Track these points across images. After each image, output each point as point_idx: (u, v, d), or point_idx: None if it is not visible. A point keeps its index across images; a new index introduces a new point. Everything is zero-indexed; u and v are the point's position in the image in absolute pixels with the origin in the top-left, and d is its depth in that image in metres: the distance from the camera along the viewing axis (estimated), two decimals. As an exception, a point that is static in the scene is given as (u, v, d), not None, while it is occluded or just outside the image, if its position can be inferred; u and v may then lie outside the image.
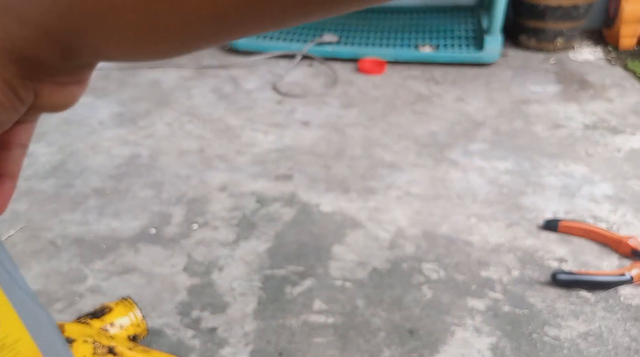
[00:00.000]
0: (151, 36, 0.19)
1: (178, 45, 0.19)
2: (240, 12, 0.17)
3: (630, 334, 1.02)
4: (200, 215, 1.35)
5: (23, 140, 0.27)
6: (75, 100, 0.25)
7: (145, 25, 0.18)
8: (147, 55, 0.20)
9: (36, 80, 0.22)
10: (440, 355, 0.98)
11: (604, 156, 1.56)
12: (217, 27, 0.18)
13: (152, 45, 0.19)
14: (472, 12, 2.47)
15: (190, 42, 0.19)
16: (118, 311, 0.90)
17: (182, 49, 0.20)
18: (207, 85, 2.04)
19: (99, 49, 0.20)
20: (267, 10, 0.17)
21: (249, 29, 0.18)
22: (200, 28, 0.18)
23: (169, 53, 0.20)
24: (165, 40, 0.19)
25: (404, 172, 1.51)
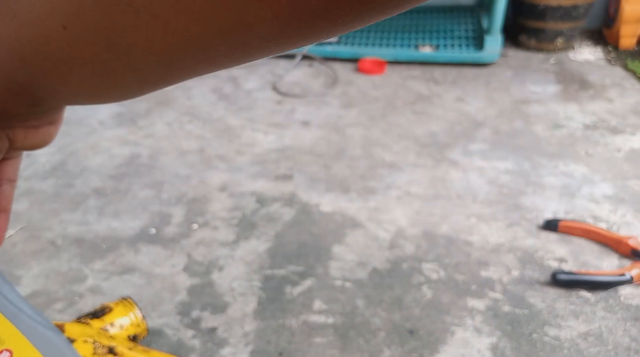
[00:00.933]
0: (104, 84, 0.19)
1: (132, 89, 0.20)
2: (184, 59, 0.17)
3: (630, 334, 1.02)
4: (200, 215, 1.35)
5: (10, 176, 0.28)
6: (52, 138, 0.26)
7: (96, 75, 0.19)
8: (105, 99, 0.21)
9: (8, 127, 0.23)
10: (440, 355, 0.98)
11: (604, 156, 1.56)
12: (164, 72, 0.19)
13: (107, 91, 0.20)
14: (472, 12, 2.47)
15: (143, 86, 0.20)
16: (118, 311, 0.90)
17: (136, 92, 0.21)
18: (207, 85, 2.04)
19: (61, 97, 0.21)
20: (207, 57, 0.17)
21: (197, 72, 0.19)
22: (149, 74, 0.19)
23: (126, 96, 0.21)
24: (118, 86, 0.20)
25: (404, 172, 1.51)
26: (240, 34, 0.16)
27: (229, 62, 0.18)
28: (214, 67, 0.19)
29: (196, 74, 0.19)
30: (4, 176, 0.28)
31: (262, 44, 0.16)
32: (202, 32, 0.16)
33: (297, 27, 0.15)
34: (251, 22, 0.15)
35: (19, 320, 0.30)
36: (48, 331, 0.32)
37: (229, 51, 0.17)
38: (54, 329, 0.32)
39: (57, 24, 0.17)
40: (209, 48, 0.17)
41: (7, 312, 0.29)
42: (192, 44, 0.16)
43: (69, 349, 0.33)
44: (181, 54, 0.17)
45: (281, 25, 0.15)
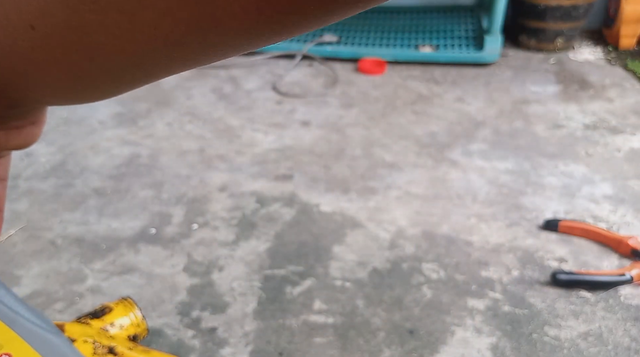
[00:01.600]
0: (78, 86, 0.19)
1: (107, 89, 0.20)
2: (156, 57, 0.17)
3: (630, 334, 1.02)
4: (200, 215, 1.35)
5: (0, 175, 0.28)
6: (36, 138, 0.26)
7: (69, 76, 0.19)
8: (82, 100, 0.21)
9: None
10: (440, 355, 0.98)
11: (604, 156, 1.56)
12: (137, 71, 0.18)
13: (82, 92, 0.20)
14: (472, 12, 2.47)
15: (118, 86, 0.20)
16: (118, 311, 0.90)
17: (113, 92, 0.20)
18: (207, 85, 2.04)
19: (37, 98, 0.21)
20: (179, 55, 0.17)
21: (171, 70, 0.19)
22: (122, 74, 0.18)
23: (103, 96, 0.21)
24: (92, 87, 0.19)
25: (403, 172, 1.51)
26: (210, 30, 0.15)
27: (202, 58, 0.18)
28: (188, 65, 0.18)
29: (171, 73, 0.19)
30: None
31: (234, 41, 0.16)
32: (171, 29, 0.15)
33: (268, 23, 0.15)
34: (220, 18, 0.15)
35: (16, 324, 0.30)
36: (48, 334, 0.32)
37: (200, 48, 0.17)
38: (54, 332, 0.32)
39: (24, 24, 0.17)
40: (179, 45, 0.16)
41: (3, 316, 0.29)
42: (162, 41, 0.16)
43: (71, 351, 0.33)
44: (152, 53, 0.17)
45: (251, 21, 0.15)
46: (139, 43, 0.16)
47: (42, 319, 0.32)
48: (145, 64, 0.18)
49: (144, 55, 0.17)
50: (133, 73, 0.18)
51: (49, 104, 0.22)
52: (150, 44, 0.16)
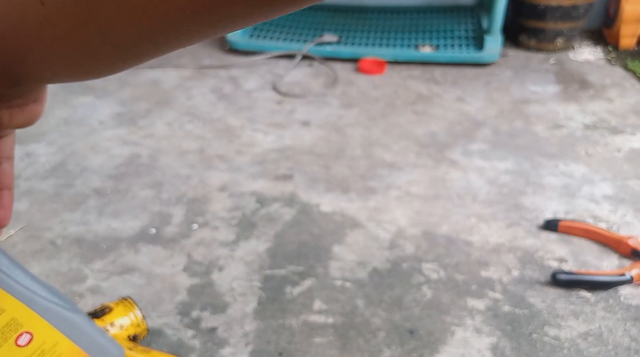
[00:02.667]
0: (85, 61, 0.19)
1: (113, 64, 0.20)
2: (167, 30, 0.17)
3: (630, 334, 1.02)
4: (200, 215, 1.35)
5: (6, 153, 0.28)
6: (39, 116, 0.26)
7: (77, 51, 0.18)
8: (88, 76, 0.21)
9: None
10: (440, 355, 0.98)
11: (604, 156, 1.56)
12: (147, 45, 0.18)
13: (89, 67, 0.20)
14: (472, 12, 2.47)
15: (125, 61, 0.20)
16: (118, 311, 0.90)
17: (118, 67, 0.20)
18: (207, 85, 2.04)
19: (42, 74, 0.21)
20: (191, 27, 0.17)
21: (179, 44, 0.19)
22: (131, 48, 0.18)
23: (108, 72, 0.21)
24: (99, 62, 0.19)
25: (404, 172, 1.51)
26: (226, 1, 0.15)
27: (213, 31, 0.18)
28: (196, 38, 0.18)
29: (178, 46, 0.19)
30: (2, 154, 0.27)
31: (247, 10, 0.16)
32: (186, 2, 0.15)
33: None
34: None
35: (34, 303, 0.30)
36: (67, 311, 0.32)
37: (214, 19, 0.16)
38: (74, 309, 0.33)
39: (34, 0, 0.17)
40: (191, 18, 0.16)
41: (21, 296, 0.30)
42: (175, 14, 0.16)
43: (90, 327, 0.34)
44: (163, 26, 0.17)
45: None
46: (151, 16, 0.16)
47: (60, 297, 0.32)
48: (155, 37, 0.18)
49: (154, 29, 0.17)
50: (142, 47, 0.18)
51: (53, 80, 0.22)
52: (162, 17, 0.16)
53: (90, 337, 0.33)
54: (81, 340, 0.32)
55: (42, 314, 0.31)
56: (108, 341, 0.36)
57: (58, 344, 0.31)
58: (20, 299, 0.30)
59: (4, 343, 0.29)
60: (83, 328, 0.33)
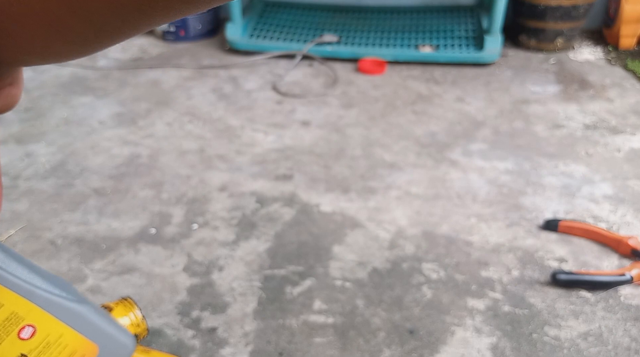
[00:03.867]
0: (60, 40, 0.19)
1: (88, 44, 0.19)
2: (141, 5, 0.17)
3: (630, 334, 1.02)
4: (200, 215, 1.35)
5: None
6: (17, 99, 0.25)
7: (51, 31, 0.18)
8: (62, 57, 0.20)
9: None
10: (440, 355, 0.98)
11: (604, 156, 1.56)
12: (121, 23, 0.18)
13: (63, 48, 0.19)
14: (472, 12, 2.47)
15: (100, 40, 0.19)
16: (118, 311, 0.90)
17: (94, 47, 0.20)
18: (207, 85, 2.04)
19: (14, 56, 0.20)
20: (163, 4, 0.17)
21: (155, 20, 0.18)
22: (106, 25, 0.18)
23: (83, 52, 0.20)
24: (74, 42, 0.19)
25: (403, 172, 1.51)
26: None
27: (186, 6, 0.17)
28: (171, 15, 0.18)
29: (155, 24, 0.19)
30: None
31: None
32: None
33: None
34: None
35: (34, 296, 0.30)
36: (71, 302, 0.32)
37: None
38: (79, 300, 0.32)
39: None
40: None
41: (19, 289, 0.29)
42: None
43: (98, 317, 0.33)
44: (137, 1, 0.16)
45: None
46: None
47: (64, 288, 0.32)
48: (130, 14, 0.17)
49: (129, 4, 0.17)
50: (115, 24, 0.18)
51: (26, 63, 0.21)
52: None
53: (97, 327, 0.33)
54: (88, 330, 0.32)
55: (44, 306, 0.30)
56: (117, 330, 0.36)
57: (63, 335, 0.31)
58: (18, 292, 0.29)
59: (6, 337, 0.28)
60: (89, 318, 0.33)
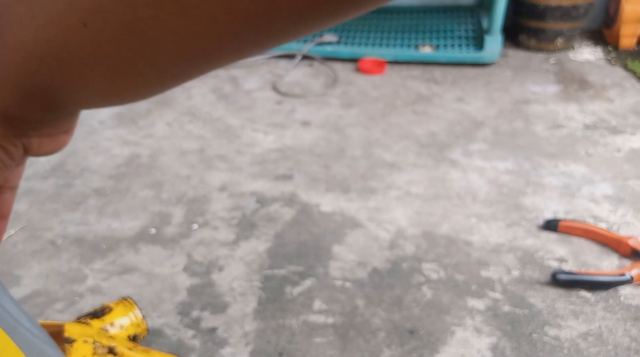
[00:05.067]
0: (125, 83, 0.19)
1: (152, 86, 0.20)
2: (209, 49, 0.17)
3: (630, 334, 1.02)
4: (200, 215, 1.35)
5: (13, 183, 0.28)
6: (65, 145, 0.26)
7: (117, 74, 0.18)
8: (125, 99, 0.21)
9: (24, 136, 0.22)
10: (440, 355, 0.98)
11: (604, 156, 1.56)
12: (188, 66, 0.18)
13: (128, 90, 0.20)
14: (472, 12, 2.47)
15: (164, 83, 0.20)
16: (118, 311, 0.90)
17: (157, 89, 0.20)
18: (207, 85, 2.04)
19: (79, 99, 0.21)
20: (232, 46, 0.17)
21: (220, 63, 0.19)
22: (172, 69, 0.18)
23: (146, 94, 0.21)
24: (139, 84, 0.19)
25: (404, 172, 1.51)
26: (268, 16, 0.15)
27: (253, 48, 0.17)
28: (238, 56, 0.18)
29: (219, 65, 0.19)
30: (8, 184, 0.27)
31: (290, 27, 0.16)
32: (229, 19, 0.15)
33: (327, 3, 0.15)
34: (279, 4, 0.15)
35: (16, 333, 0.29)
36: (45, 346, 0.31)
37: (254, 37, 0.16)
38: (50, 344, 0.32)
39: (76, 22, 0.17)
40: (234, 35, 0.16)
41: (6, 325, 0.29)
42: (217, 32, 0.16)
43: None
44: (206, 45, 0.17)
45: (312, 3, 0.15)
46: (194, 37, 0.16)
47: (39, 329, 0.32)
48: (196, 58, 0.17)
49: (197, 49, 0.17)
50: (183, 68, 0.18)
51: (90, 105, 0.21)
52: (205, 37, 0.16)
53: None
54: None
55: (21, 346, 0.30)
56: None
57: None
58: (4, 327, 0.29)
59: None
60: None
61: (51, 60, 0.18)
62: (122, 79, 0.19)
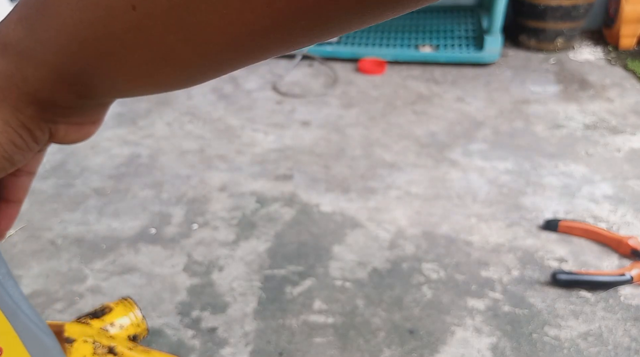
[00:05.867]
0: (166, 70, 0.18)
1: (193, 76, 0.19)
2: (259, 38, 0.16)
3: (630, 334, 1.02)
4: (200, 215, 1.35)
5: (31, 168, 0.27)
6: (90, 136, 0.25)
7: (160, 59, 0.18)
8: (163, 87, 0.20)
9: (51, 121, 0.22)
10: (440, 355, 0.98)
11: (604, 156, 1.56)
12: (233, 55, 0.17)
13: (167, 78, 0.19)
14: (472, 12, 2.47)
15: (205, 72, 0.19)
16: (118, 311, 0.90)
17: (197, 79, 0.19)
18: (207, 85, 2.04)
19: (114, 85, 0.20)
20: (284, 35, 0.16)
21: (267, 53, 0.18)
22: (217, 57, 0.17)
23: (184, 84, 0.20)
24: (180, 72, 0.18)
25: (404, 172, 1.51)
26: (325, 4, 0.15)
27: (304, 40, 0.17)
28: (287, 47, 0.17)
29: (265, 57, 0.18)
30: (27, 169, 0.27)
31: (344, 16, 0.15)
32: (285, 6, 0.15)
33: None
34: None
35: (16, 318, 0.29)
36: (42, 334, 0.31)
37: (308, 25, 0.16)
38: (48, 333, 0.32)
39: (125, 4, 0.16)
40: (288, 23, 0.15)
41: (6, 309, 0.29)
42: (271, 20, 0.15)
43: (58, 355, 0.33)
44: (257, 34, 0.16)
45: None
46: (245, 24, 0.16)
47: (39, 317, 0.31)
48: (244, 47, 0.17)
49: (247, 37, 0.16)
50: (228, 57, 0.17)
51: (125, 93, 0.21)
52: (257, 25, 0.16)
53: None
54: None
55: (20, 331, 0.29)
56: None
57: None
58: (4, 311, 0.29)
59: None
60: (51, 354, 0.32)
61: (93, 43, 0.18)
62: (164, 66, 0.18)
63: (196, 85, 0.20)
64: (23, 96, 0.20)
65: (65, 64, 0.19)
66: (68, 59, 0.19)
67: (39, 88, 0.20)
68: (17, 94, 0.20)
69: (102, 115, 0.25)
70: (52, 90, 0.20)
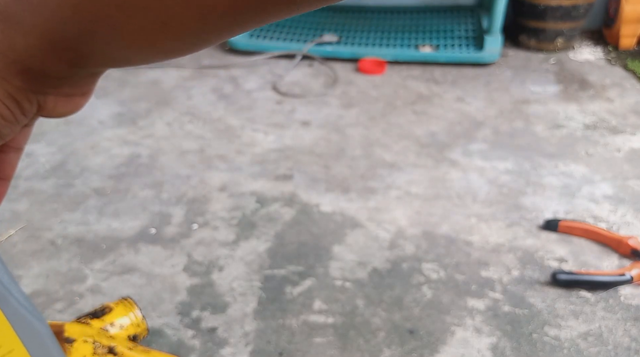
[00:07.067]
0: (162, 35, 0.17)
1: (189, 42, 0.18)
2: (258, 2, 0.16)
3: (630, 334, 1.02)
4: (200, 215, 1.35)
5: (19, 144, 0.26)
6: (79, 109, 0.24)
7: (156, 23, 0.17)
8: (160, 55, 0.19)
9: (40, 92, 0.21)
10: (440, 355, 0.98)
11: (604, 156, 1.56)
12: (232, 19, 0.17)
13: (163, 44, 0.18)
14: (472, 12, 2.47)
15: (202, 38, 0.18)
16: (118, 311, 0.90)
17: (194, 46, 0.19)
18: (207, 85, 2.04)
19: (109, 52, 0.19)
20: None
21: (265, 18, 0.17)
22: (215, 21, 0.17)
23: (180, 52, 0.19)
24: (176, 38, 0.18)
25: (404, 172, 1.51)
26: None
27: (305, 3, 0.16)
28: (285, 12, 0.17)
29: (262, 22, 0.17)
30: (14, 144, 0.26)
31: None
32: None
33: None
34: None
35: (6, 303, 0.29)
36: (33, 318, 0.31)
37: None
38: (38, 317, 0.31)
39: None
40: None
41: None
42: None
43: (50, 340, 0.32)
44: None
45: None
46: None
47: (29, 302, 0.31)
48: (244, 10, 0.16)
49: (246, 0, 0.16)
50: (227, 21, 0.17)
51: (117, 62, 0.20)
52: None
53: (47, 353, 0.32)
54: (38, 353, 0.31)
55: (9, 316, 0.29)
56: None
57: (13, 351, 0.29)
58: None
59: None
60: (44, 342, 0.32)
61: (86, 6, 0.17)
62: (163, 31, 0.17)
63: (193, 52, 0.19)
64: (10, 65, 0.19)
65: (57, 30, 0.18)
66: (60, 25, 0.18)
67: (28, 56, 0.19)
68: (4, 63, 0.19)
69: (93, 86, 0.24)
70: (42, 59, 0.19)
